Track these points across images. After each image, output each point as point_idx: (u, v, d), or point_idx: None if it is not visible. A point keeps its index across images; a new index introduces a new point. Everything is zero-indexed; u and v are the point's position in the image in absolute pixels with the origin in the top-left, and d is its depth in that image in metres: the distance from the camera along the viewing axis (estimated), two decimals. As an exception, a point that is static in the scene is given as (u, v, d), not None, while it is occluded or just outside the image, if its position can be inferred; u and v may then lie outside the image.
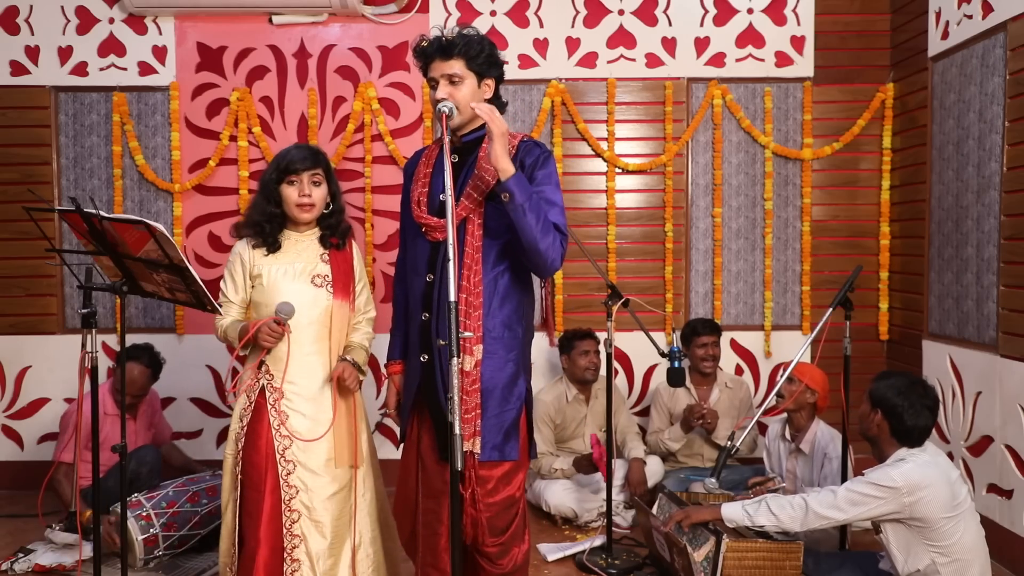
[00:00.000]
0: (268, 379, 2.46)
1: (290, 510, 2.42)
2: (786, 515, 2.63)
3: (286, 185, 2.50)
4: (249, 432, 2.45)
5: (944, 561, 2.50)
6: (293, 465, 2.43)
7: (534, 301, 2.48)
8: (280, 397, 2.45)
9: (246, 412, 2.46)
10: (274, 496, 2.42)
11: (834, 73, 4.36)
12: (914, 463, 2.53)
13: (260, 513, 2.40)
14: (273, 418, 2.44)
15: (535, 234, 2.16)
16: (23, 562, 3.27)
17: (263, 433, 2.43)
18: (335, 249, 2.57)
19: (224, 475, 2.52)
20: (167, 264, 2.27)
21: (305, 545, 2.42)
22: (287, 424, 2.44)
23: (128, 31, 4.30)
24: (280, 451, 2.43)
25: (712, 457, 4.00)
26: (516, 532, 2.38)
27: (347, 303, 2.56)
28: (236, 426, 2.49)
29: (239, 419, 2.49)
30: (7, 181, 4.30)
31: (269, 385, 2.46)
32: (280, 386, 2.45)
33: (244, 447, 2.44)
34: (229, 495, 2.48)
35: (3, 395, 4.36)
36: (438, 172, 2.36)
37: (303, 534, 2.42)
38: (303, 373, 2.48)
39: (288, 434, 2.44)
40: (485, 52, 2.29)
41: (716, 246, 4.38)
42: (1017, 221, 3.27)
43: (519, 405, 2.33)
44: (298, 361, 2.47)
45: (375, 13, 4.30)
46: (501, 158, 2.15)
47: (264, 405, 2.45)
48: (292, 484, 2.43)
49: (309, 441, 2.43)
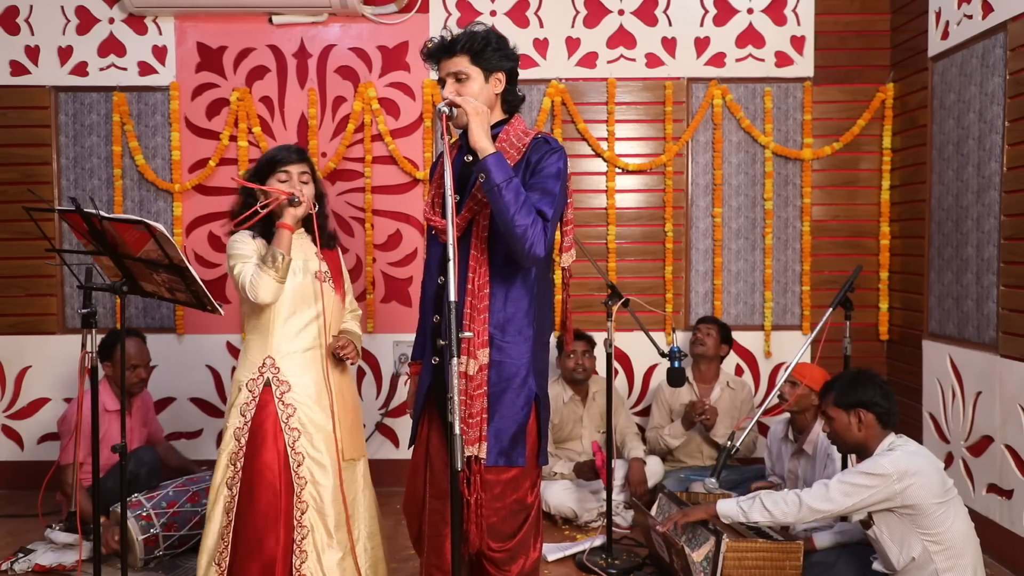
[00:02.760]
0: (274, 372, 2.47)
1: (300, 500, 2.44)
2: (780, 511, 2.65)
3: (274, 181, 2.51)
4: (255, 427, 2.44)
5: (937, 549, 2.54)
6: (303, 456, 2.46)
7: (549, 303, 2.40)
8: (288, 390, 2.47)
9: (248, 407, 2.45)
10: (288, 490, 2.43)
11: (834, 73, 4.36)
12: (903, 451, 2.59)
13: (279, 511, 2.40)
14: (281, 411, 2.45)
15: (510, 215, 2.06)
16: (23, 562, 3.27)
17: (271, 427, 2.44)
18: (327, 248, 2.63)
19: (217, 472, 2.49)
20: (167, 264, 2.28)
21: (312, 536, 2.44)
22: (296, 416, 2.46)
23: (128, 31, 4.30)
24: (291, 444, 2.45)
25: (712, 456, 4.01)
26: (525, 539, 2.32)
27: (342, 300, 2.66)
28: (237, 421, 2.47)
29: (240, 414, 2.46)
30: (7, 181, 4.30)
31: (275, 378, 2.46)
32: (287, 378, 2.47)
33: (249, 442, 2.43)
34: (220, 493, 2.46)
35: (3, 395, 4.36)
36: None
37: (311, 525, 2.44)
38: (307, 367, 2.50)
39: (297, 427, 2.45)
40: (491, 46, 2.23)
41: (716, 246, 4.38)
42: (1017, 221, 3.27)
43: (527, 410, 2.27)
44: (302, 354, 2.50)
45: (375, 13, 4.30)
46: (480, 137, 2.11)
47: (270, 399, 2.45)
48: (302, 475, 2.45)
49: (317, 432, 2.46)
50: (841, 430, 2.69)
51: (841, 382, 2.73)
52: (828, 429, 2.77)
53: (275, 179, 2.51)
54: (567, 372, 3.97)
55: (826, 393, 2.76)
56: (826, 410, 2.74)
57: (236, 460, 2.44)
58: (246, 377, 2.49)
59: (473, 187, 2.22)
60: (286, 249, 2.44)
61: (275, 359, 2.48)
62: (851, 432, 2.67)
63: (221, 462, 2.49)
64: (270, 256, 2.42)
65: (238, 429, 2.46)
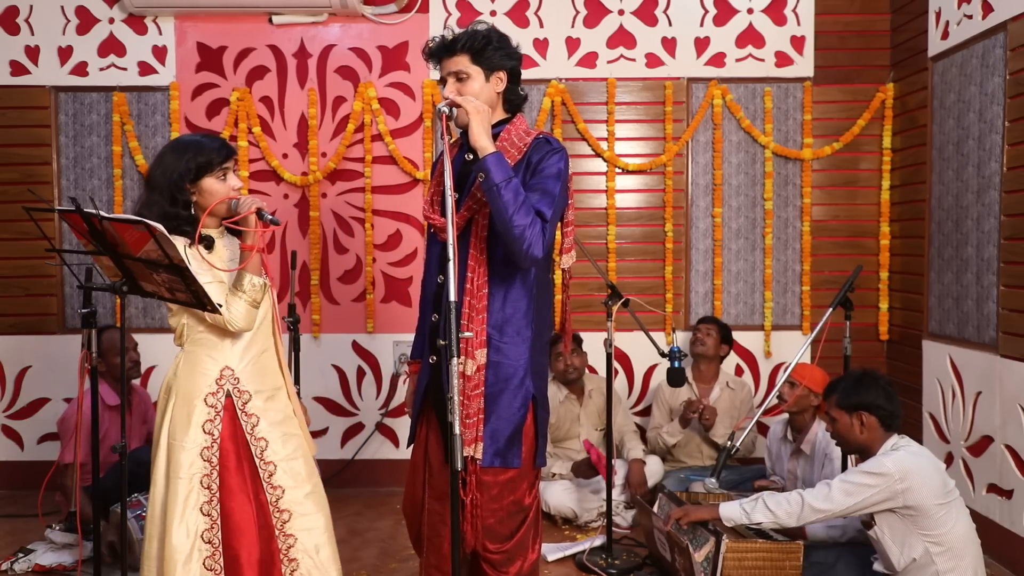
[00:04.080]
0: (233, 383, 2.29)
1: (279, 510, 2.33)
2: (783, 511, 2.65)
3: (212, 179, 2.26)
4: (223, 444, 2.26)
5: (938, 550, 2.53)
6: (273, 466, 2.32)
7: (549, 304, 2.38)
8: (249, 399, 2.31)
9: (213, 423, 2.27)
10: (259, 501, 2.30)
11: (834, 73, 4.36)
12: (905, 451, 2.59)
13: (251, 525, 2.27)
14: (245, 422, 2.29)
15: (509, 215, 2.05)
16: (23, 562, 3.27)
17: (238, 441, 2.29)
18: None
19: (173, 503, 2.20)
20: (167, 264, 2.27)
21: (300, 543, 2.38)
22: (260, 426, 2.31)
23: (128, 31, 4.30)
24: (258, 454, 2.30)
25: (711, 456, 4.01)
26: (522, 541, 2.31)
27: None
28: (202, 440, 2.25)
29: (203, 432, 2.25)
30: (7, 181, 4.30)
31: (235, 389, 2.29)
32: (247, 387, 2.31)
33: (221, 461, 2.25)
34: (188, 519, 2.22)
35: (3, 395, 4.36)
36: None
37: (296, 533, 2.34)
38: (264, 371, 2.36)
39: (263, 436, 2.31)
40: (492, 44, 2.22)
41: (716, 246, 4.38)
42: (1017, 221, 3.27)
43: (524, 411, 2.26)
44: (257, 360, 2.35)
45: (375, 13, 4.30)
46: (480, 136, 2.10)
47: (233, 412, 2.29)
48: (276, 485, 2.32)
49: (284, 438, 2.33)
50: (844, 431, 2.69)
51: (845, 383, 2.72)
52: (831, 429, 2.77)
53: (212, 177, 2.26)
54: (559, 374, 3.98)
55: (830, 394, 2.76)
56: (829, 411, 2.74)
57: (211, 483, 2.25)
58: (202, 391, 2.27)
59: (472, 186, 2.21)
60: (258, 272, 2.26)
61: (234, 369, 2.30)
62: (853, 434, 2.67)
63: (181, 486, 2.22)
64: (247, 283, 2.24)
65: (206, 449, 2.25)
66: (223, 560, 2.25)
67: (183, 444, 2.23)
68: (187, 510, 2.22)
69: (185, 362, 2.32)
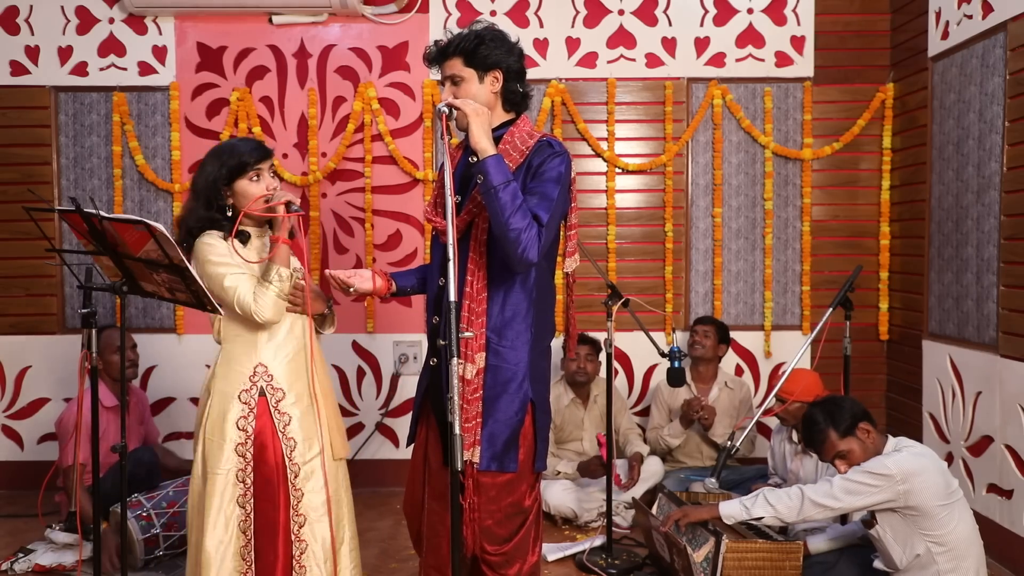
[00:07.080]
0: (267, 380, 2.34)
1: (297, 514, 2.35)
2: (783, 506, 2.65)
3: (246, 182, 2.33)
4: (256, 442, 2.31)
5: (940, 550, 2.54)
6: (298, 467, 2.35)
7: (550, 308, 2.38)
8: (282, 398, 2.35)
9: (247, 420, 2.31)
10: (287, 504, 2.33)
11: (834, 73, 4.36)
12: (908, 452, 2.58)
13: (277, 526, 2.31)
14: (278, 420, 2.34)
15: (505, 217, 2.03)
16: (23, 562, 3.27)
17: (269, 440, 2.32)
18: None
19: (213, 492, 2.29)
20: (167, 264, 2.27)
21: (311, 549, 2.37)
22: (291, 425, 2.35)
23: (128, 31, 4.30)
24: (288, 454, 2.34)
25: (711, 457, 4.01)
26: (522, 543, 2.30)
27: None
28: (236, 436, 2.31)
29: (238, 428, 2.31)
30: (7, 181, 4.30)
31: (269, 386, 2.34)
32: (281, 386, 2.35)
33: (256, 457, 2.30)
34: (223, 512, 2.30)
35: (3, 395, 4.36)
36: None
37: (308, 538, 2.36)
38: (298, 371, 2.39)
39: (293, 436, 2.35)
40: (483, 43, 2.20)
41: (716, 246, 4.38)
42: (1017, 221, 3.27)
43: (522, 416, 2.24)
44: (291, 359, 2.39)
45: (375, 13, 4.30)
46: (480, 139, 2.09)
47: (266, 409, 2.33)
48: (299, 487, 2.35)
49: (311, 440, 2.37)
50: (862, 455, 2.62)
51: (826, 418, 2.65)
52: (855, 463, 2.62)
53: (246, 180, 2.33)
54: (569, 374, 3.99)
55: (823, 440, 2.66)
56: (837, 452, 2.65)
57: (245, 477, 2.31)
58: (236, 388, 2.32)
59: (473, 189, 2.20)
60: (286, 263, 2.31)
61: (267, 366, 2.34)
62: (867, 450, 2.63)
63: (218, 481, 2.29)
64: (275, 274, 2.28)
65: (240, 445, 2.31)
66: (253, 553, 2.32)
67: (218, 440, 2.31)
68: (224, 503, 2.30)
69: (222, 360, 2.39)
